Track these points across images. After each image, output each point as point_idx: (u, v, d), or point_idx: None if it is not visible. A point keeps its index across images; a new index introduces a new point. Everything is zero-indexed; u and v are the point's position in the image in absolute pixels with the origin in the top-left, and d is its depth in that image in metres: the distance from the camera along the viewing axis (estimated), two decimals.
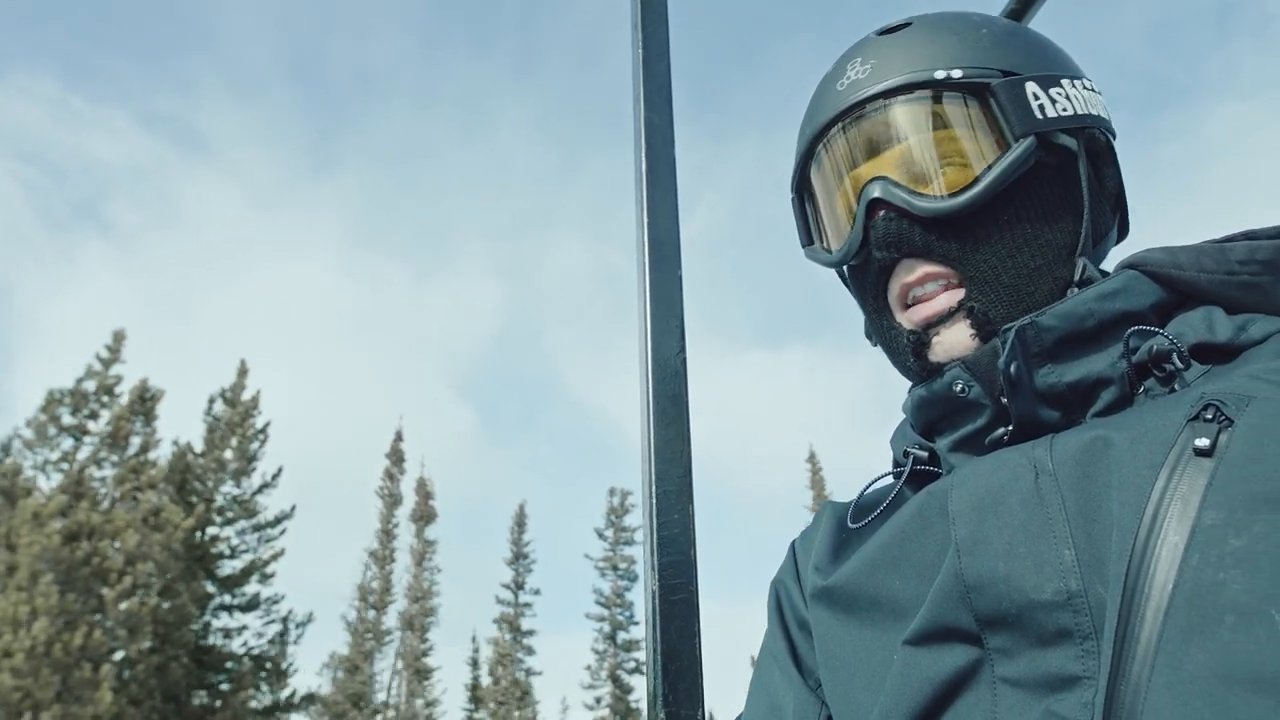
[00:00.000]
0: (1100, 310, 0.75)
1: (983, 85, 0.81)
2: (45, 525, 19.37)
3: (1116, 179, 0.87)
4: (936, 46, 0.84)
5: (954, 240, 0.80)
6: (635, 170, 1.36)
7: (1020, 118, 0.80)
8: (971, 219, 0.80)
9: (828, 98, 0.88)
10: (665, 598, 1.21)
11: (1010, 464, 0.71)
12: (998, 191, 0.79)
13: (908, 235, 0.81)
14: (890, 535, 0.78)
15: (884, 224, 0.82)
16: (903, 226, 0.81)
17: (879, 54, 0.86)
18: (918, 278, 0.82)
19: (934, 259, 0.81)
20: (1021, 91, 0.81)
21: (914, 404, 0.84)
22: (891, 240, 0.82)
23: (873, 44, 0.88)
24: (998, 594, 0.66)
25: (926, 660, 0.69)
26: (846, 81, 0.86)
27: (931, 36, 0.85)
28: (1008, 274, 0.79)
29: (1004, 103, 0.80)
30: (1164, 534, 0.60)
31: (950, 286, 0.81)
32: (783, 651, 0.88)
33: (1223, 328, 0.74)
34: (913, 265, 0.82)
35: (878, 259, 0.83)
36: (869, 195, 0.82)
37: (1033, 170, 0.80)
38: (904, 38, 0.86)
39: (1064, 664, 0.63)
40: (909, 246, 0.81)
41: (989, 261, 0.80)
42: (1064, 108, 0.82)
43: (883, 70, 0.84)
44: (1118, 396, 0.74)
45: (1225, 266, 0.77)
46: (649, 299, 1.31)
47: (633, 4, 1.44)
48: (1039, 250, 0.80)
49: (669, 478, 1.26)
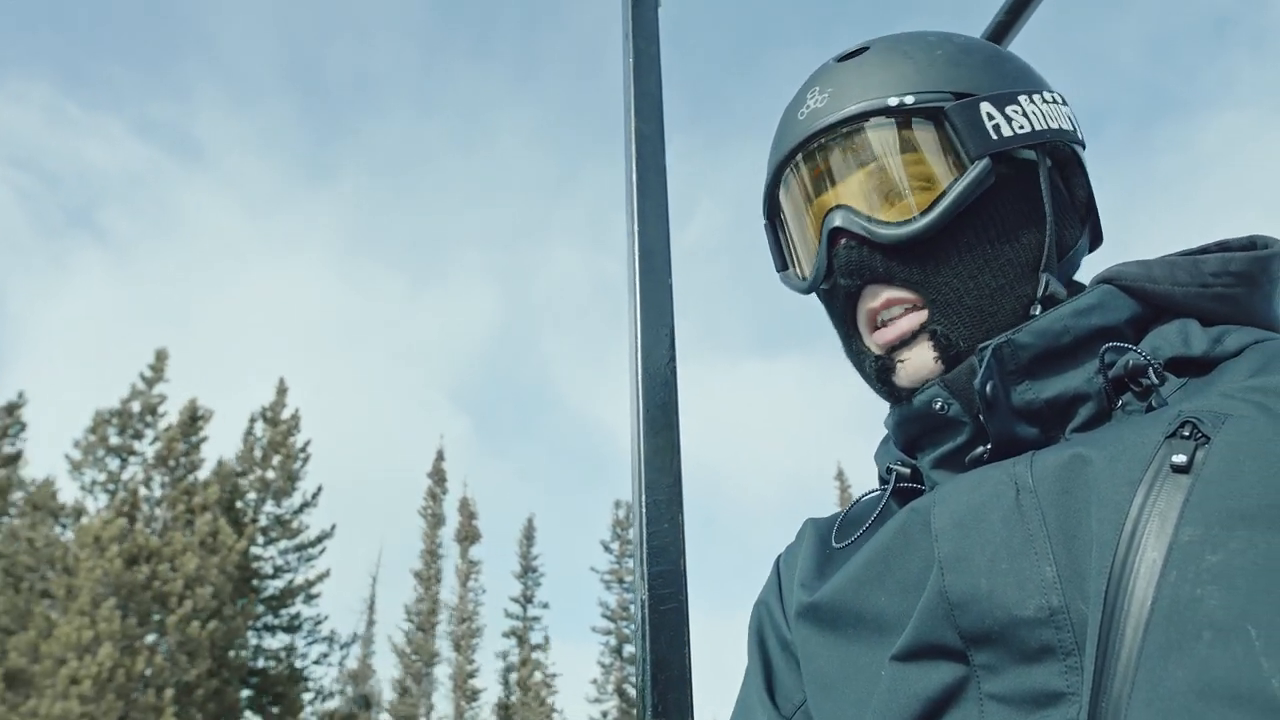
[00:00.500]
0: (1076, 326, 0.75)
1: (936, 109, 0.82)
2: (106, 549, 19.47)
3: (1085, 188, 0.87)
4: (890, 72, 0.84)
5: (915, 265, 0.81)
6: (626, 180, 1.37)
7: (975, 140, 0.80)
8: (932, 243, 0.80)
9: (790, 127, 0.89)
10: (655, 607, 1.21)
11: (991, 481, 0.71)
12: (955, 214, 0.80)
13: (869, 262, 0.82)
14: (874, 552, 0.78)
15: (845, 252, 0.83)
16: (864, 254, 0.82)
17: (836, 82, 0.86)
18: (881, 303, 0.83)
19: (896, 284, 0.82)
20: (975, 113, 0.81)
21: (894, 421, 0.85)
22: (853, 268, 0.82)
23: (831, 71, 0.88)
24: (981, 611, 0.66)
25: (914, 677, 0.70)
26: (806, 111, 0.87)
27: (886, 61, 0.85)
28: (970, 295, 0.80)
29: (958, 125, 0.80)
30: (1142, 550, 0.60)
31: (914, 309, 0.81)
32: (759, 676, 0.89)
33: (1198, 341, 0.74)
34: (876, 291, 0.83)
35: (842, 286, 0.84)
36: (830, 224, 0.83)
37: (992, 189, 0.80)
38: (859, 64, 0.86)
39: (1048, 680, 0.63)
40: (871, 273, 0.82)
41: (950, 284, 0.80)
42: (1020, 125, 0.82)
43: (839, 98, 0.85)
44: (1095, 412, 0.74)
45: (1199, 279, 0.77)
46: (639, 308, 1.31)
47: (624, 16, 1.46)
48: (1001, 269, 0.80)
49: (659, 487, 1.25)
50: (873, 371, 0.85)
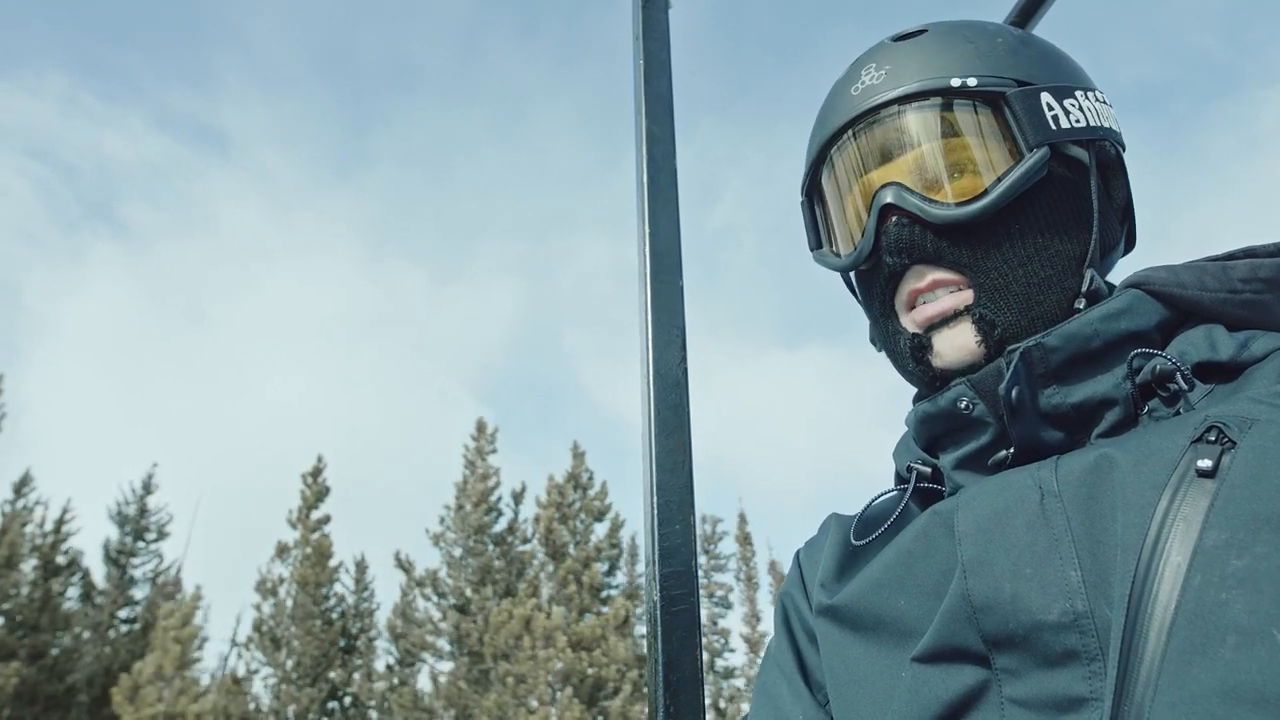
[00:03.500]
0: (1105, 331, 0.75)
1: (997, 94, 0.81)
2: (555, 640, 19.58)
3: (1125, 191, 0.87)
4: (951, 54, 0.84)
5: (965, 248, 0.80)
6: (637, 182, 1.37)
7: (1034, 128, 0.80)
8: (983, 227, 0.80)
9: (841, 102, 0.88)
10: (667, 609, 1.21)
11: (1016, 485, 0.71)
12: (1010, 200, 0.79)
13: (919, 242, 0.81)
14: (895, 555, 0.78)
15: (896, 229, 0.82)
16: (914, 233, 0.81)
17: (894, 60, 0.86)
18: (927, 284, 0.82)
19: (944, 266, 0.81)
20: (1036, 101, 0.81)
21: (917, 419, 0.84)
22: (903, 246, 0.81)
23: (887, 50, 0.88)
24: (1005, 615, 0.66)
25: (935, 679, 0.70)
26: (861, 86, 0.86)
27: (947, 44, 0.85)
28: (1018, 283, 0.79)
29: (1018, 112, 0.81)
30: (1167, 554, 0.60)
31: (957, 290, 0.81)
32: (791, 665, 0.88)
33: (1225, 346, 0.74)
34: (922, 272, 0.82)
35: (888, 264, 0.83)
36: (881, 200, 0.82)
37: (1044, 181, 0.81)
38: (919, 45, 0.86)
39: (1071, 685, 0.63)
40: (920, 253, 0.81)
41: (1000, 270, 0.80)
42: (1077, 119, 0.82)
43: (898, 76, 0.84)
44: (1122, 417, 0.74)
45: (1227, 285, 0.77)
46: (650, 310, 1.31)
47: (634, 18, 1.46)
48: (1049, 260, 0.80)
49: (670, 488, 1.26)
50: (908, 350, 0.83)
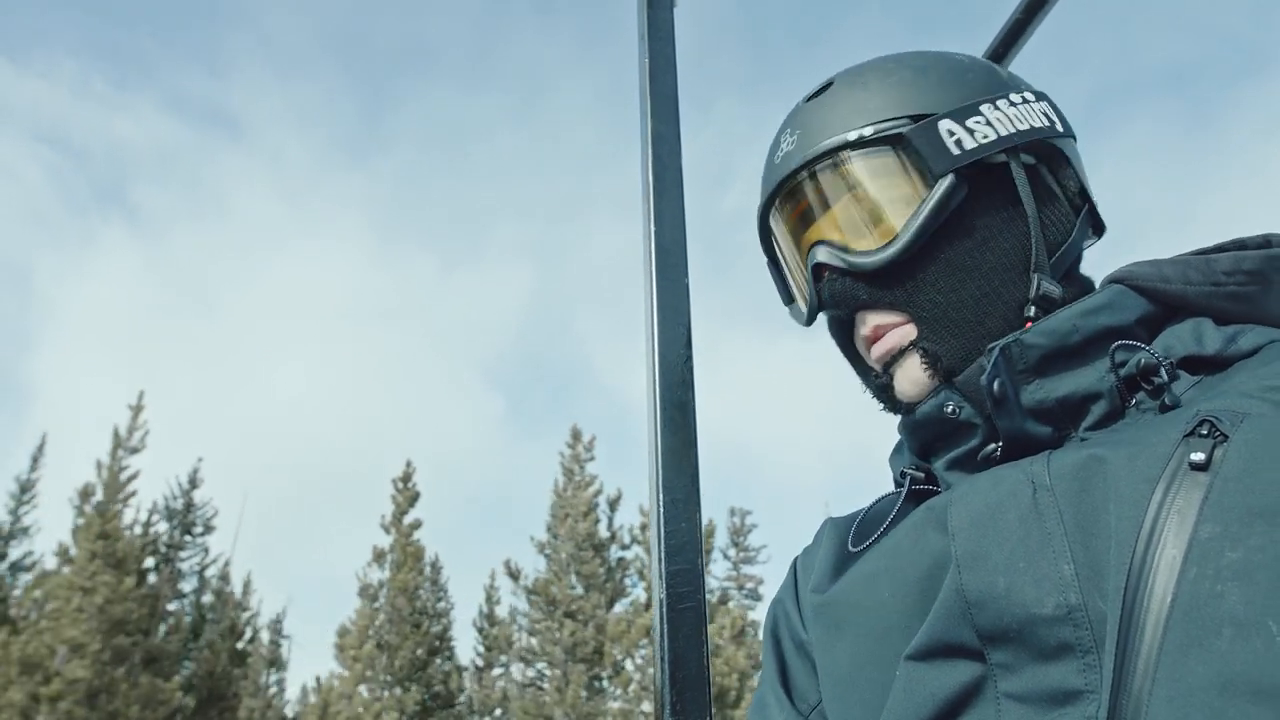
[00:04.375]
0: (1085, 326, 0.75)
1: (895, 136, 0.83)
2: None
3: (1076, 179, 0.87)
4: (849, 105, 0.86)
5: (896, 288, 0.82)
6: (642, 180, 1.38)
7: (936, 159, 0.81)
8: (909, 265, 0.82)
9: (768, 171, 0.92)
10: (673, 606, 1.21)
11: (1008, 480, 0.71)
12: (928, 234, 0.81)
13: (852, 292, 0.84)
14: (886, 551, 0.79)
15: (829, 285, 0.85)
16: (846, 284, 0.84)
17: (803, 123, 0.89)
18: (870, 330, 0.85)
19: (881, 309, 0.84)
20: (934, 133, 0.82)
21: (907, 427, 0.85)
22: (839, 299, 0.85)
23: (800, 113, 0.91)
24: (999, 609, 0.66)
25: (929, 676, 0.70)
26: (780, 154, 0.90)
27: (846, 96, 0.88)
28: (954, 309, 0.81)
29: (918, 148, 0.82)
30: (1162, 547, 0.61)
31: (902, 325, 0.83)
32: (775, 675, 0.90)
33: (1211, 340, 0.75)
34: (864, 318, 0.85)
35: (835, 317, 0.89)
36: (812, 260, 0.86)
37: (968, 200, 0.81)
38: (821, 103, 0.89)
39: (1066, 678, 0.63)
40: (856, 302, 0.84)
41: (934, 301, 0.81)
42: (984, 135, 0.82)
43: (806, 139, 0.87)
44: (1108, 410, 0.75)
45: (1211, 278, 0.77)
46: (655, 306, 1.32)
47: (639, 15, 1.46)
48: (984, 277, 0.81)
49: (676, 485, 1.25)
50: (877, 390, 0.88)
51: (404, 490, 24.91)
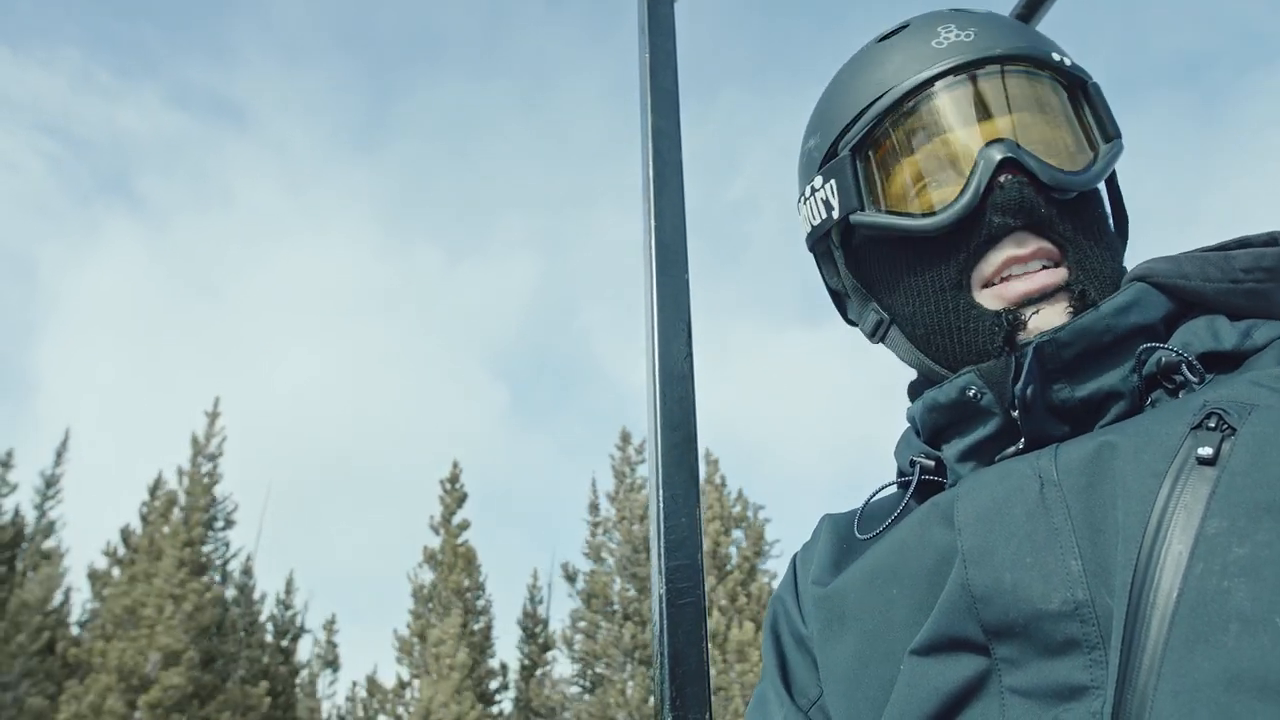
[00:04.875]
0: (1116, 325, 0.74)
1: (1083, 80, 0.84)
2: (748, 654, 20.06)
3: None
4: (1032, 33, 0.86)
5: (1069, 220, 0.79)
6: (642, 175, 1.38)
7: (1110, 120, 0.83)
8: (1079, 205, 0.80)
9: (918, 53, 0.83)
10: (672, 601, 1.21)
11: (1015, 474, 0.71)
12: (1100, 180, 0.81)
13: (1034, 204, 0.76)
14: (891, 545, 0.78)
15: (1014, 188, 0.76)
16: (1029, 194, 0.76)
17: (977, 25, 0.84)
18: (1029, 252, 0.77)
19: (1050, 236, 0.77)
20: (1103, 96, 0.84)
21: (925, 406, 0.83)
22: (1017, 207, 0.76)
23: (964, 14, 0.86)
24: (1005, 604, 0.66)
25: (934, 670, 0.69)
26: (947, 41, 0.82)
27: (1019, 24, 0.87)
28: (1106, 266, 0.80)
29: (1096, 102, 0.83)
30: (1168, 542, 0.60)
31: (1053, 266, 0.78)
32: (775, 670, 0.89)
33: (1227, 335, 0.74)
34: (1024, 239, 0.77)
35: (994, 225, 0.77)
36: (997, 155, 0.76)
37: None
38: (995, 17, 0.86)
39: (1072, 674, 0.63)
40: (1032, 216, 0.76)
41: (1092, 249, 0.80)
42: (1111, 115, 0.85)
43: (991, 38, 0.82)
44: (1127, 409, 0.74)
45: (1230, 275, 0.76)
46: (656, 303, 1.32)
47: (639, 11, 1.46)
48: (1112, 246, 0.83)
49: (676, 482, 1.25)
50: (999, 328, 0.77)
51: (451, 491, 24.87)
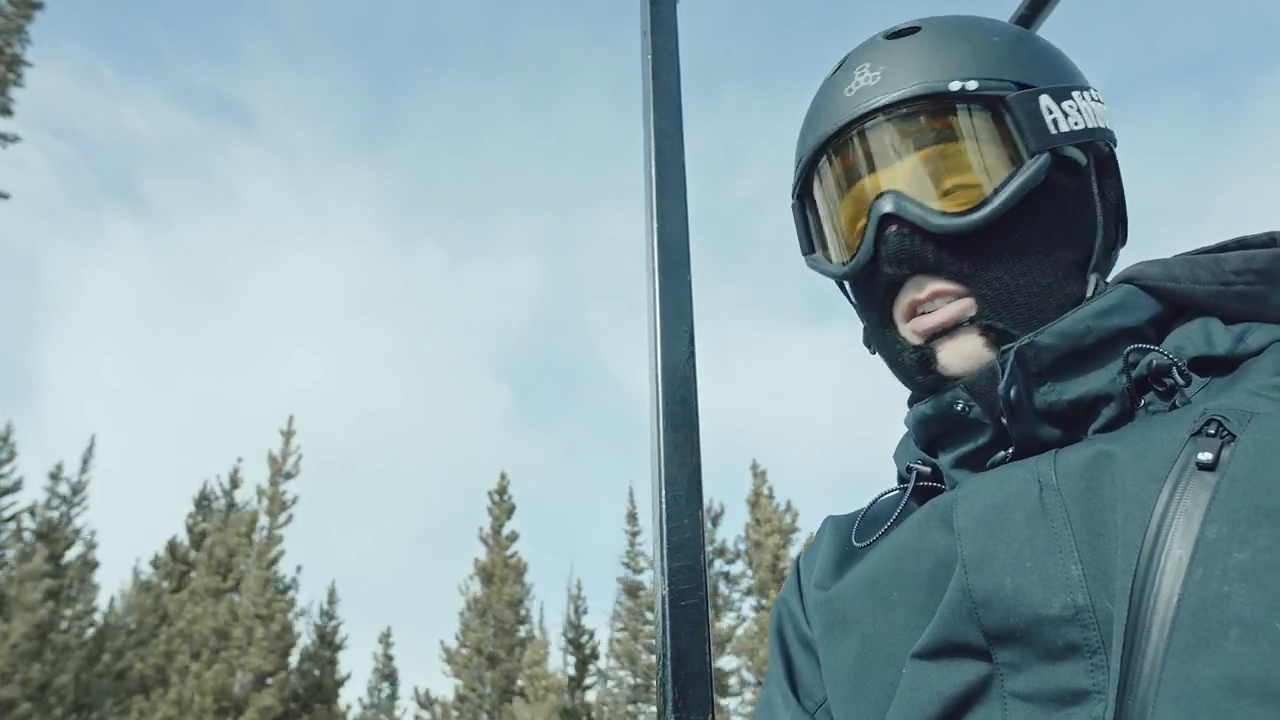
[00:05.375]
0: (1098, 327, 0.74)
1: (997, 98, 0.79)
2: None
3: (1118, 189, 0.85)
4: (948, 55, 0.81)
5: (966, 258, 0.78)
6: (645, 177, 1.37)
7: (1035, 133, 0.78)
8: (984, 236, 0.78)
9: (834, 104, 0.85)
10: (675, 603, 1.21)
11: (1014, 479, 0.71)
12: (1011, 209, 0.78)
13: (920, 252, 0.79)
14: (891, 548, 0.78)
15: (896, 239, 0.79)
16: (915, 243, 0.79)
17: (888, 60, 0.83)
18: (927, 295, 0.80)
19: (945, 276, 0.79)
20: (1035, 105, 0.79)
21: (915, 420, 0.84)
22: (903, 256, 0.79)
23: (881, 48, 0.85)
24: (1005, 609, 0.66)
25: (936, 675, 0.69)
26: (855, 88, 0.83)
27: (943, 44, 0.82)
28: (1021, 293, 0.78)
29: (1019, 117, 0.79)
30: (1168, 548, 0.60)
31: (958, 299, 0.79)
32: (780, 673, 0.89)
33: (1220, 339, 0.74)
34: (922, 282, 0.80)
35: (887, 274, 0.81)
36: (880, 209, 0.80)
37: (1044, 186, 0.79)
38: (914, 44, 0.83)
39: (1073, 679, 0.63)
40: (921, 263, 0.79)
41: (1001, 280, 0.78)
42: (1076, 121, 0.80)
43: (893, 78, 0.82)
44: (1119, 412, 0.74)
45: (1220, 277, 0.76)
46: (658, 304, 1.31)
47: (642, 12, 1.46)
48: (1051, 267, 0.79)
49: (678, 482, 1.25)
50: (913, 362, 0.82)
51: (500, 503, 24.79)
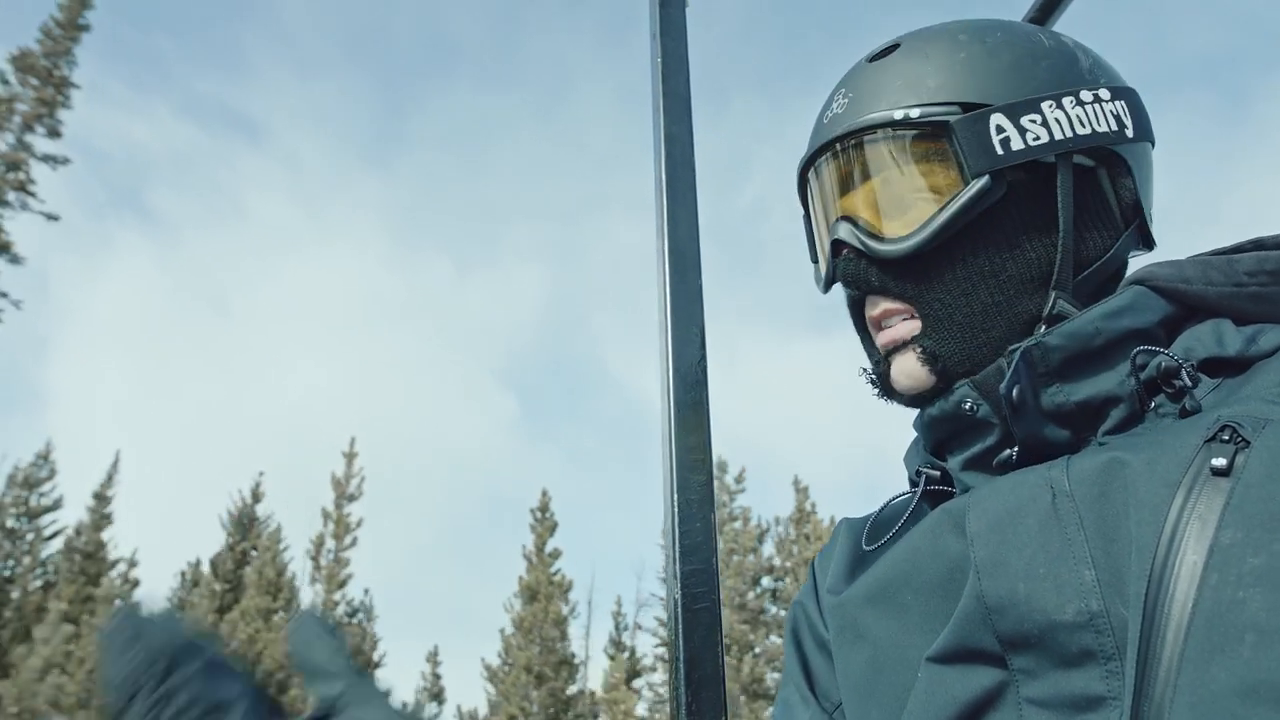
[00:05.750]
0: (1107, 328, 0.74)
1: (940, 124, 0.80)
2: None
3: (1132, 191, 0.82)
4: (905, 78, 0.83)
5: (909, 280, 0.81)
6: (655, 181, 1.38)
7: (975, 156, 0.78)
8: (925, 259, 0.80)
9: (816, 128, 0.90)
10: (688, 607, 1.22)
11: (1027, 485, 0.71)
12: (949, 233, 0.79)
13: (865, 275, 0.84)
14: (903, 553, 0.78)
15: (844, 264, 0.85)
16: (860, 267, 0.84)
17: (858, 86, 0.86)
18: (879, 313, 0.85)
19: (891, 297, 0.83)
20: (983, 127, 0.78)
21: (923, 423, 0.84)
22: (852, 279, 0.85)
23: (858, 73, 0.88)
24: (1019, 615, 0.66)
25: (951, 680, 0.69)
26: (830, 114, 0.88)
27: (904, 66, 0.84)
28: (960, 312, 0.79)
29: (960, 141, 0.79)
30: (1183, 553, 0.60)
31: (910, 317, 0.83)
32: (798, 674, 0.89)
33: (1232, 340, 0.73)
34: (875, 301, 0.85)
35: (848, 294, 0.88)
36: (834, 234, 0.86)
37: (1002, 201, 0.79)
38: (882, 68, 0.85)
39: (1089, 685, 0.63)
40: (867, 285, 0.84)
41: (942, 301, 0.80)
42: (1036, 136, 0.78)
43: (856, 105, 0.85)
44: (1128, 414, 0.74)
45: (1233, 278, 0.76)
46: (669, 308, 1.32)
47: (651, 17, 1.46)
48: (1000, 286, 0.79)
49: (690, 486, 1.26)
50: (876, 370, 0.87)
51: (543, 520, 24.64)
